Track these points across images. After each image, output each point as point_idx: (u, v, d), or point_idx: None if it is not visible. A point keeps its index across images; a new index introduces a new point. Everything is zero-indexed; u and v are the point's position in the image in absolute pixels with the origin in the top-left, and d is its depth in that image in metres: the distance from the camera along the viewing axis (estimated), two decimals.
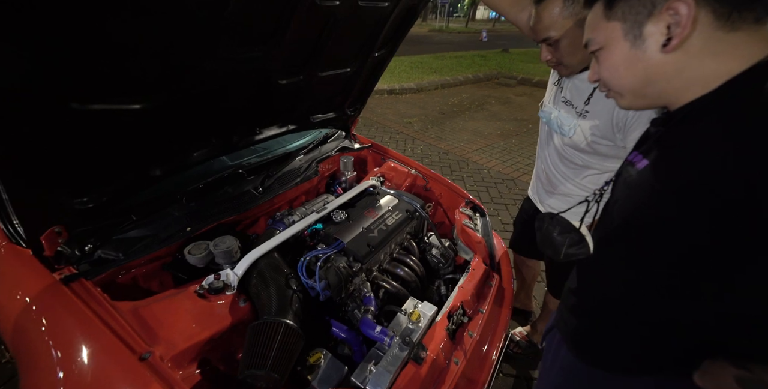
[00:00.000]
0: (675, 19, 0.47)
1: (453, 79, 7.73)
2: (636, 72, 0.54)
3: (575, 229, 0.83)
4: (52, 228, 0.90)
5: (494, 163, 3.91)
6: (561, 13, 0.87)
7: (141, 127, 0.91)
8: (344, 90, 1.55)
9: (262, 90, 1.16)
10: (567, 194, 1.19)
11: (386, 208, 1.44)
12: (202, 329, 0.93)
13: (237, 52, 0.94)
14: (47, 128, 0.72)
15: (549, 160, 1.22)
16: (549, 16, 0.90)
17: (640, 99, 0.58)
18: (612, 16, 0.54)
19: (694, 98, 0.51)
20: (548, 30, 0.92)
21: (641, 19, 0.50)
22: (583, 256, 0.70)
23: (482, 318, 1.24)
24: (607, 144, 1.00)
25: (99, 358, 0.78)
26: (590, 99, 0.99)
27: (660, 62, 0.51)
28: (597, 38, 0.57)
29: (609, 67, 0.57)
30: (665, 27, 0.48)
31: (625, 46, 0.53)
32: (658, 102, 0.57)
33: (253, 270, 1.10)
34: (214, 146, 1.21)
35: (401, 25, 1.40)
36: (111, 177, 0.97)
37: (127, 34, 0.71)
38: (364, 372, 0.97)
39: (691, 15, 0.46)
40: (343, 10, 1.06)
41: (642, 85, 0.55)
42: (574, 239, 0.85)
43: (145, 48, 0.74)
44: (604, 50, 0.57)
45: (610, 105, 0.94)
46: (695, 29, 0.47)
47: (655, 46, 0.50)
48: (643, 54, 0.52)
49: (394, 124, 5.06)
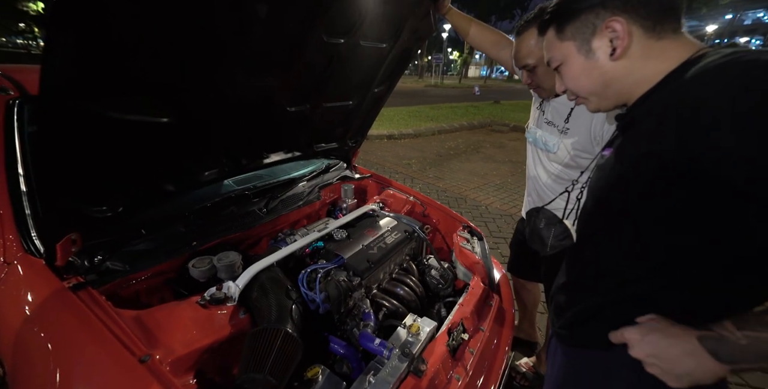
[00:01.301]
0: (614, 34, 0.60)
1: (449, 126, 8.17)
2: (594, 78, 0.66)
3: (560, 220, 0.90)
4: (69, 236, 0.95)
5: (491, 200, 4.00)
6: (536, 44, 1.03)
7: (162, 142, 1.01)
8: (346, 121, 1.69)
9: (272, 116, 1.28)
10: (556, 208, 1.25)
11: (386, 228, 1.49)
12: (201, 336, 0.93)
13: (252, 79, 1.07)
14: (85, 135, 0.81)
15: (538, 177, 1.31)
16: (526, 47, 1.06)
17: (604, 100, 0.68)
18: (564, 37, 0.66)
19: (643, 92, 0.61)
20: (526, 58, 1.07)
21: (588, 36, 0.63)
22: (568, 246, 0.74)
23: (483, 337, 1.22)
24: (587, 157, 1.09)
25: (100, 358, 0.78)
26: (569, 118, 1.12)
27: (612, 68, 0.63)
28: (556, 56, 0.70)
29: (571, 77, 0.69)
30: (609, 40, 0.61)
31: (581, 59, 0.65)
32: (619, 101, 0.67)
33: (255, 283, 1.12)
34: (224, 166, 1.30)
35: (398, 64, 1.58)
36: (129, 188, 1.04)
37: (169, 58, 0.83)
38: (362, 383, 0.95)
39: (625, 30, 0.58)
40: (346, 47, 1.23)
41: (602, 88, 0.66)
42: (558, 231, 0.91)
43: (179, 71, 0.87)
44: (564, 65, 0.69)
45: (587, 122, 1.07)
46: (632, 40, 0.59)
47: (605, 56, 0.62)
48: (596, 63, 0.64)
49: (394, 165, 5.26)
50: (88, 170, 0.90)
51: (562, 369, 0.81)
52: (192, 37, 0.83)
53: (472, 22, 1.38)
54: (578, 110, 1.10)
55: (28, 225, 1.02)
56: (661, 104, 0.56)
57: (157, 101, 0.90)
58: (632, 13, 0.58)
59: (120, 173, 0.99)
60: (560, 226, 1.00)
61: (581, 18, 0.62)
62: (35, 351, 0.82)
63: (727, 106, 0.45)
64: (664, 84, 0.58)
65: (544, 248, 1.09)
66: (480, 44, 1.38)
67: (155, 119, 0.91)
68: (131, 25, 0.72)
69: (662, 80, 0.58)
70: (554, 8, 0.67)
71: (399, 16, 1.29)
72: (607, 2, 0.59)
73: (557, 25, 0.67)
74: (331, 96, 1.45)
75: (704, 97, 0.48)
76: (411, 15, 1.31)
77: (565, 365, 0.80)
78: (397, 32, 1.37)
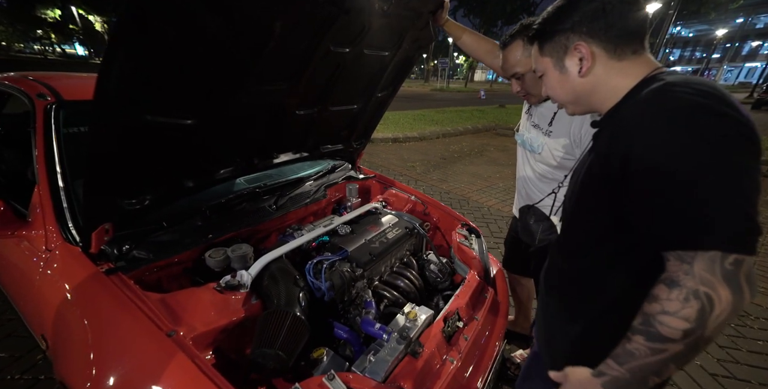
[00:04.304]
0: (581, 54, 0.70)
1: (453, 130, 8.27)
2: (567, 91, 0.76)
3: (547, 217, 1.00)
4: (103, 225, 1.06)
5: (493, 202, 4.08)
6: (523, 54, 1.13)
7: (184, 142, 1.12)
8: (351, 124, 1.80)
9: (282, 119, 1.39)
10: (544, 206, 1.35)
11: (387, 225, 1.59)
12: (219, 317, 1.04)
13: (265, 85, 1.19)
14: (124, 136, 0.92)
15: (526, 177, 1.40)
16: (513, 58, 1.15)
17: (579, 107, 0.79)
18: (544, 53, 0.77)
19: (612, 105, 0.72)
20: (514, 68, 1.16)
21: (561, 55, 0.73)
22: (553, 239, 0.84)
23: (477, 325, 1.31)
24: (569, 158, 1.19)
25: (133, 332, 0.89)
26: (552, 121, 1.21)
27: (581, 83, 0.73)
28: (539, 67, 0.80)
29: (550, 87, 0.80)
30: (578, 60, 0.71)
31: (556, 74, 0.76)
32: (592, 109, 0.78)
33: (265, 272, 1.23)
34: (238, 165, 1.42)
35: (400, 70, 1.69)
36: (155, 184, 1.16)
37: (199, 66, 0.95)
38: (363, 362, 1.04)
39: (589, 52, 0.68)
40: (351, 55, 1.34)
41: (574, 99, 0.77)
42: (545, 226, 1.01)
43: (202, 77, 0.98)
44: (545, 76, 0.80)
45: (567, 125, 1.16)
46: (596, 61, 0.69)
47: (575, 73, 0.73)
48: (568, 78, 0.74)
49: (398, 167, 5.36)
50: (127, 167, 1.01)
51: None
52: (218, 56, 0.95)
53: (467, 31, 1.48)
54: (560, 114, 1.19)
55: (66, 217, 1.14)
56: (614, 120, 0.67)
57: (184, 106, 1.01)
58: (595, 38, 0.68)
59: (149, 170, 1.10)
60: (547, 222, 1.11)
61: (555, 39, 0.72)
62: (76, 327, 0.93)
63: (638, 138, 0.57)
64: (627, 99, 0.68)
65: (534, 242, 1.20)
66: (475, 52, 1.48)
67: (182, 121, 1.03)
68: (176, 49, 0.85)
69: (626, 95, 0.68)
70: (536, 27, 0.78)
71: (400, 27, 1.40)
72: (575, 27, 0.68)
73: (538, 43, 0.78)
74: (337, 100, 1.56)
75: (629, 124, 0.60)
76: (411, 26, 1.42)
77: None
78: (398, 42, 1.48)
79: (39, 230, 1.15)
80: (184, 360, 0.83)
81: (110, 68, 0.74)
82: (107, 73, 0.74)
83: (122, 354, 0.86)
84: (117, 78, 0.76)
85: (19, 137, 2.22)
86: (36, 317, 1.12)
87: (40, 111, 1.29)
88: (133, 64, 0.78)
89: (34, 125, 1.28)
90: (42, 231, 1.13)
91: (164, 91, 0.92)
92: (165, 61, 0.86)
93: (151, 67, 0.84)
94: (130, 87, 0.82)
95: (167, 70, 0.89)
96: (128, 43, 0.74)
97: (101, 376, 0.83)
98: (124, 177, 1.03)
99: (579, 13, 0.67)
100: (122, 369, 0.84)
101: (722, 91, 0.55)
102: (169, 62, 0.87)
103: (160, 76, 0.88)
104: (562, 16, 0.70)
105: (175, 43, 0.83)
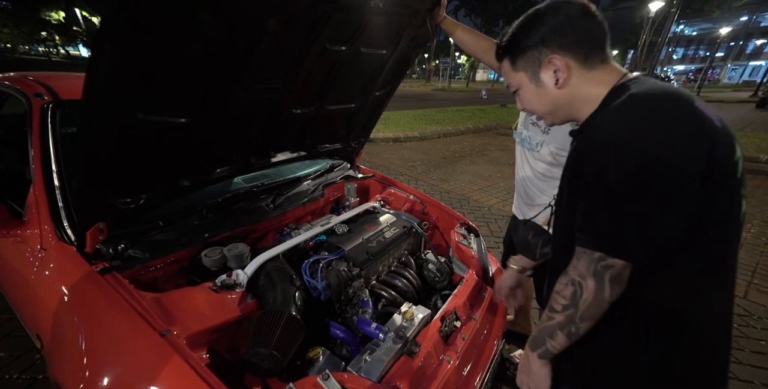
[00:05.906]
0: (555, 67, 0.70)
1: (455, 129, 8.25)
2: (545, 103, 0.77)
3: (546, 231, 1.01)
4: (98, 225, 1.06)
5: (494, 201, 4.06)
6: None
7: (179, 141, 1.12)
8: (349, 123, 1.79)
9: (279, 117, 1.38)
10: (543, 204, 1.33)
11: (385, 224, 1.58)
12: (214, 316, 1.03)
13: (260, 83, 1.18)
14: (116, 135, 0.92)
15: (525, 176, 1.39)
16: None
17: (558, 118, 0.80)
18: (517, 68, 0.77)
19: (589, 113, 0.73)
20: None
21: (535, 69, 0.74)
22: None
23: (475, 325, 1.30)
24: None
25: (127, 331, 0.89)
26: None
27: (558, 94, 0.74)
28: (512, 83, 0.81)
29: (527, 101, 0.81)
30: (553, 72, 0.72)
31: (533, 87, 0.77)
32: (571, 118, 0.79)
33: (261, 272, 1.22)
34: (235, 164, 1.41)
35: (398, 69, 1.68)
36: (150, 183, 1.15)
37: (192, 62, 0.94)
38: (359, 362, 1.03)
39: (563, 64, 0.70)
40: (348, 54, 1.33)
41: (552, 110, 0.78)
42: (545, 240, 1.01)
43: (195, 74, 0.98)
44: (521, 90, 0.80)
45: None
46: (571, 72, 0.71)
47: (551, 85, 0.73)
48: (545, 90, 0.75)
49: (399, 167, 5.35)
50: (120, 166, 1.01)
51: None
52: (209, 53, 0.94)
53: (465, 29, 1.47)
54: None
55: (61, 216, 1.14)
56: (591, 127, 0.69)
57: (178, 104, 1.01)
58: (567, 50, 0.69)
59: (144, 169, 1.10)
60: (546, 235, 1.09)
61: (528, 54, 0.73)
62: (70, 325, 0.93)
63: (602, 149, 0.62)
64: (602, 107, 0.69)
65: (534, 256, 1.19)
66: (473, 50, 1.46)
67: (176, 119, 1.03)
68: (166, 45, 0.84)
69: (601, 103, 0.69)
70: (505, 43, 0.78)
71: (397, 25, 1.39)
72: (546, 41, 0.70)
73: (510, 58, 0.78)
74: (335, 99, 1.55)
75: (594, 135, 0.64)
76: (408, 24, 1.41)
77: None
78: (396, 40, 1.47)
79: (34, 229, 1.15)
80: (176, 359, 0.82)
81: (98, 65, 0.73)
82: (95, 69, 0.73)
83: (115, 354, 0.86)
84: (105, 75, 0.75)
85: (18, 136, 2.23)
86: (31, 316, 1.12)
87: (37, 110, 1.29)
88: (120, 61, 0.77)
89: (30, 124, 1.28)
90: (37, 230, 1.13)
91: (155, 88, 0.91)
92: (153, 57, 0.84)
93: (139, 63, 0.82)
94: (119, 84, 0.81)
95: (156, 67, 0.87)
96: (115, 39, 0.73)
97: (94, 377, 0.83)
98: (117, 176, 1.03)
99: (547, 26, 0.69)
100: (115, 369, 0.84)
101: (673, 106, 0.59)
102: (157, 58, 0.86)
103: (149, 73, 0.87)
104: (531, 31, 0.72)
105: (163, 38, 0.82)
